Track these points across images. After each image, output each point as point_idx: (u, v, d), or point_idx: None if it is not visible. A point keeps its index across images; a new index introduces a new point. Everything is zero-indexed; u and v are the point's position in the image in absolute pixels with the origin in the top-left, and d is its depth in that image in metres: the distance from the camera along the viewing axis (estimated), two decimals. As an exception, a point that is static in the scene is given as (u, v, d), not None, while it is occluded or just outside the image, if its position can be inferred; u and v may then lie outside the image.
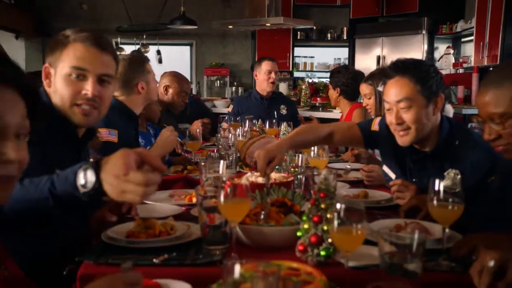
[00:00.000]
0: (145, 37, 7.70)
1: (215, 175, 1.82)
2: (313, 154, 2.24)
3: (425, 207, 1.51)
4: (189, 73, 8.44)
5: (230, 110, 4.66)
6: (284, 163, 2.14)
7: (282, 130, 3.03)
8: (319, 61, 8.62)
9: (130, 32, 7.55)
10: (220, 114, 5.34)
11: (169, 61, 7.67)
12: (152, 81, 2.69)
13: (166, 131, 2.60)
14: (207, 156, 2.36)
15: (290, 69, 8.28)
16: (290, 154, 2.24)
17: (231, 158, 2.38)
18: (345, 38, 8.16)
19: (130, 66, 2.60)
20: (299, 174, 2.01)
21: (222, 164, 1.91)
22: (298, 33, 8.28)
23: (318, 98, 6.20)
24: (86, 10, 8.00)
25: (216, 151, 2.72)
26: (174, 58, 8.22)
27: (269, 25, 6.63)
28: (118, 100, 2.56)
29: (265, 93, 4.53)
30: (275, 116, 4.30)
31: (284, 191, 1.70)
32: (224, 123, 3.74)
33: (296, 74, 8.40)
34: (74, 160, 1.71)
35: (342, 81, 3.74)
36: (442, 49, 7.16)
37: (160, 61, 7.65)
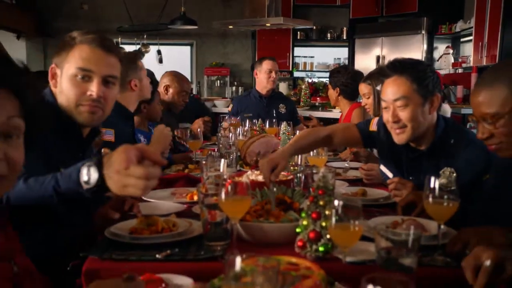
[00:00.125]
0: (145, 37, 7.70)
1: (216, 174, 1.85)
2: (312, 153, 2.27)
3: (420, 203, 1.55)
4: (189, 73, 8.44)
5: (230, 109, 4.69)
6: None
7: (282, 129, 3.05)
8: (319, 61, 8.62)
9: (131, 32, 7.55)
10: (220, 113, 5.37)
11: (169, 61, 7.67)
12: (144, 78, 2.70)
13: (159, 126, 2.64)
14: (208, 155, 2.39)
15: (290, 69, 8.29)
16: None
17: (232, 157, 2.41)
18: (345, 38, 8.17)
19: (123, 63, 2.62)
20: (299, 172, 2.04)
21: (222, 162, 1.94)
22: (298, 33, 8.28)
23: (318, 98, 6.23)
24: (87, 10, 8.00)
25: (216, 150, 2.75)
26: (174, 58, 8.23)
27: (269, 25, 6.63)
28: None
29: (264, 91, 4.55)
30: (274, 114, 4.33)
31: (283, 189, 1.74)
32: (224, 123, 3.77)
33: (296, 74, 8.41)
34: (78, 159, 1.73)
35: (342, 81, 3.76)
36: (441, 49, 7.17)
37: (160, 61, 7.66)
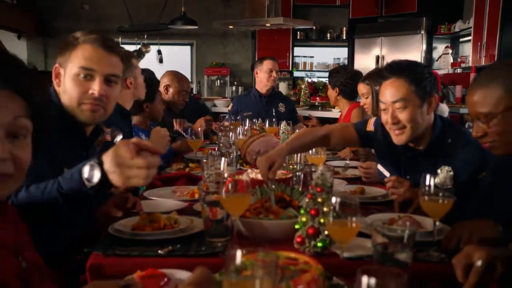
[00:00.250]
0: (146, 37, 7.72)
1: (217, 172, 1.89)
2: (311, 152, 2.31)
3: (417, 200, 1.58)
4: (189, 72, 8.46)
5: (230, 108, 4.72)
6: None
7: (281, 128, 3.08)
8: (319, 60, 8.65)
9: (131, 32, 7.57)
10: (220, 113, 5.40)
11: (170, 60, 7.69)
12: (139, 76, 2.75)
13: (156, 128, 2.69)
14: (209, 154, 2.42)
15: (290, 68, 8.32)
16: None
17: (232, 156, 2.44)
18: (344, 38, 8.19)
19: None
20: (298, 171, 2.07)
21: (223, 161, 1.97)
22: (298, 33, 8.31)
23: (317, 98, 6.27)
24: (88, 10, 8.03)
25: (217, 150, 2.78)
26: (174, 58, 8.25)
27: (269, 25, 6.65)
28: None
29: (264, 90, 4.58)
30: (274, 113, 4.36)
31: (283, 187, 1.77)
32: (224, 122, 3.80)
33: (295, 74, 8.44)
34: (82, 158, 1.76)
35: (341, 80, 3.78)
36: (440, 49, 7.19)
37: (161, 60, 7.68)
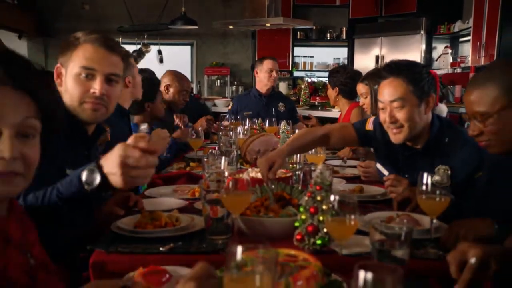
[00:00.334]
0: (146, 37, 7.74)
1: (218, 171, 1.91)
2: (310, 151, 2.33)
3: (415, 199, 1.60)
4: (189, 72, 8.48)
5: (230, 108, 4.74)
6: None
7: (281, 128, 3.10)
8: (319, 60, 8.67)
9: (131, 32, 7.59)
10: (220, 113, 5.42)
11: (170, 60, 7.70)
12: (137, 75, 2.78)
13: (156, 131, 2.71)
14: (209, 153, 2.44)
15: (290, 68, 8.34)
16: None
17: (232, 155, 2.46)
18: (344, 38, 8.22)
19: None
20: (297, 170, 2.09)
21: (223, 160, 1.99)
22: (298, 33, 8.33)
23: (317, 97, 6.28)
24: (88, 10, 8.05)
25: (217, 149, 2.80)
26: (175, 58, 8.27)
27: (269, 25, 6.67)
28: None
29: (264, 90, 4.60)
30: (273, 113, 4.38)
31: (282, 186, 1.79)
32: (225, 121, 3.82)
33: (295, 74, 8.46)
34: (83, 157, 1.79)
35: (341, 80, 3.80)
36: (440, 49, 7.22)
37: (161, 60, 7.69)
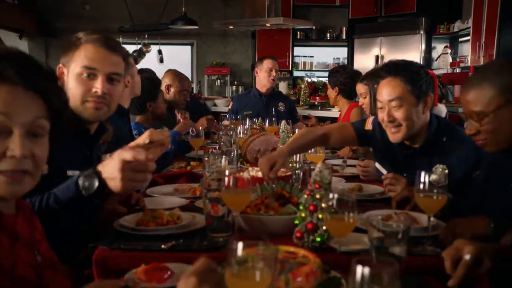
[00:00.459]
0: (146, 36, 7.74)
1: (218, 170, 1.93)
2: (310, 151, 2.35)
3: (414, 199, 1.62)
4: (190, 72, 8.50)
5: (230, 107, 4.75)
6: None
7: (281, 127, 3.12)
8: (318, 60, 8.69)
9: (132, 32, 7.60)
10: (220, 112, 5.44)
11: (170, 60, 7.72)
12: (136, 75, 2.81)
13: (158, 129, 2.73)
14: (210, 152, 2.47)
15: (290, 68, 8.36)
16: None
17: (232, 155, 2.49)
18: (344, 38, 8.23)
19: None
20: (297, 169, 2.12)
21: (224, 159, 2.01)
22: (298, 33, 8.34)
23: (317, 97, 6.30)
24: (89, 10, 8.06)
25: (218, 148, 2.82)
26: (175, 58, 8.28)
27: (269, 25, 6.69)
28: None
29: (264, 89, 4.62)
30: (273, 112, 4.40)
31: (282, 184, 1.81)
32: (225, 121, 3.84)
33: (295, 74, 8.48)
34: (86, 156, 1.81)
35: (340, 80, 3.82)
36: (439, 48, 7.23)
37: (161, 60, 7.70)
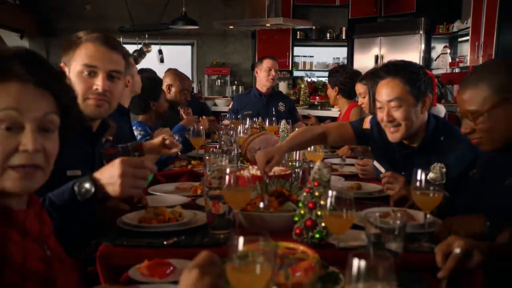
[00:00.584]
0: (147, 36, 7.76)
1: (219, 168, 1.96)
2: (309, 149, 2.38)
3: (411, 198, 1.65)
4: (190, 72, 8.52)
5: (230, 107, 4.78)
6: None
7: (281, 127, 3.14)
8: (318, 60, 8.72)
9: (132, 32, 7.62)
10: (221, 112, 5.47)
11: (170, 60, 7.74)
12: (136, 74, 2.84)
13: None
14: (210, 152, 2.49)
15: (290, 68, 8.38)
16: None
17: (233, 154, 2.52)
18: (343, 38, 8.26)
19: None
20: (297, 168, 2.14)
21: (224, 158, 2.04)
22: (298, 33, 8.37)
23: (317, 97, 6.33)
24: (89, 10, 8.09)
25: (218, 147, 2.85)
26: (175, 58, 8.30)
27: (269, 25, 6.71)
28: None
29: (264, 89, 4.64)
30: (273, 112, 4.43)
31: (282, 183, 1.84)
32: (225, 120, 3.87)
33: (295, 73, 8.51)
34: (88, 154, 1.84)
35: (340, 80, 3.85)
36: (439, 48, 7.26)
37: (161, 60, 7.72)
